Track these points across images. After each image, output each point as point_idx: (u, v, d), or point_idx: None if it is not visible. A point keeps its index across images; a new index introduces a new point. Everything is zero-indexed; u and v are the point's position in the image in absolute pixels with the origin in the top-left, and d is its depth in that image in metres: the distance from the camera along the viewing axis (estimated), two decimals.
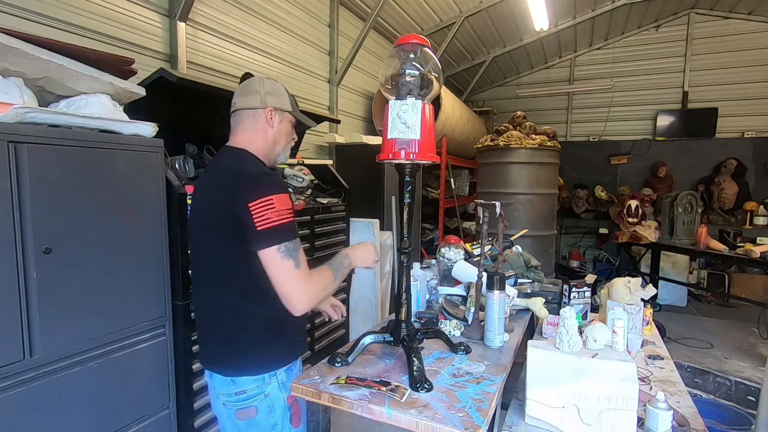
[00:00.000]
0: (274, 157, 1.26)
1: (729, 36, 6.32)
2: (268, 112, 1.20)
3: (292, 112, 1.26)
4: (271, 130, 1.22)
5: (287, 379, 1.19)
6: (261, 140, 1.22)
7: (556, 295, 1.83)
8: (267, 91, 1.21)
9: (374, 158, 1.26)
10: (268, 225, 1.03)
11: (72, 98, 1.48)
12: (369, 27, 4.38)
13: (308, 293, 1.09)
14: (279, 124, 1.23)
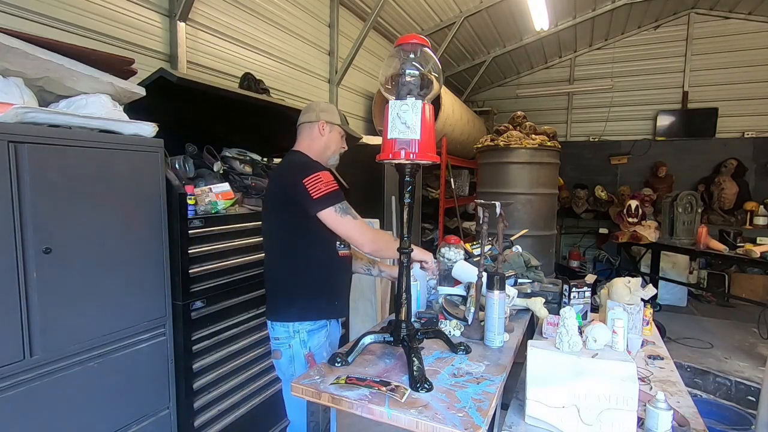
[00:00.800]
0: (325, 159, 1.59)
1: (729, 36, 6.32)
2: (320, 125, 1.56)
3: (341, 125, 1.61)
4: (322, 138, 1.57)
5: (308, 338, 1.46)
6: (315, 145, 1.57)
7: (556, 295, 1.83)
8: (321, 109, 1.59)
9: (374, 158, 1.26)
10: (321, 194, 1.38)
11: (72, 98, 1.49)
12: (369, 27, 4.38)
13: (369, 236, 1.42)
14: (329, 134, 1.57)
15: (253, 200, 2.18)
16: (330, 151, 1.60)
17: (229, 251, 1.94)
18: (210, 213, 1.85)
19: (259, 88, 2.94)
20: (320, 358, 1.44)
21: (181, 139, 2.11)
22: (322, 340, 1.49)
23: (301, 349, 1.46)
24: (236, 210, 2.01)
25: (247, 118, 2.54)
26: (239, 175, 2.30)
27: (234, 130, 2.54)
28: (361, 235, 1.42)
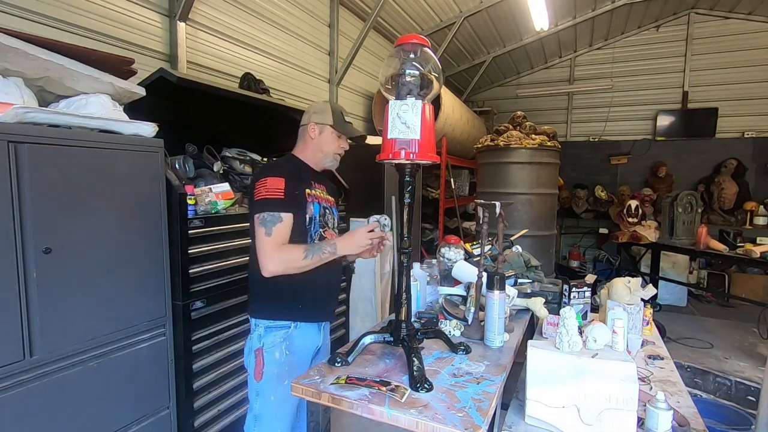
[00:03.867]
0: (320, 161, 1.56)
1: (729, 36, 6.32)
2: (310, 127, 1.53)
3: (333, 125, 1.53)
4: (313, 141, 1.53)
5: (264, 335, 1.44)
6: (308, 148, 1.56)
7: (556, 295, 1.83)
8: (313, 110, 1.56)
9: (374, 158, 1.26)
10: (258, 198, 1.36)
11: (72, 98, 1.49)
12: (369, 27, 4.38)
13: (273, 258, 1.33)
14: (320, 136, 1.53)
15: None
16: (323, 153, 1.54)
17: (229, 251, 1.94)
18: (210, 213, 1.85)
19: (259, 88, 2.94)
20: (270, 357, 1.41)
21: (181, 139, 2.11)
22: (278, 340, 1.43)
23: (256, 343, 1.44)
24: (236, 210, 2.01)
25: (247, 118, 2.54)
26: (239, 175, 2.30)
27: (234, 130, 2.54)
28: (264, 255, 1.33)
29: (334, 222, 1.61)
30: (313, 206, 1.48)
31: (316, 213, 1.48)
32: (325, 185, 1.61)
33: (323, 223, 1.52)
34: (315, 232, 1.48)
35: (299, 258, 1.34)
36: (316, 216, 1.48)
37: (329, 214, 1.58)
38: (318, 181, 1.56)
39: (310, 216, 1.45)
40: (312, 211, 1.47)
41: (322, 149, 1.53)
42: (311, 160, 1.55)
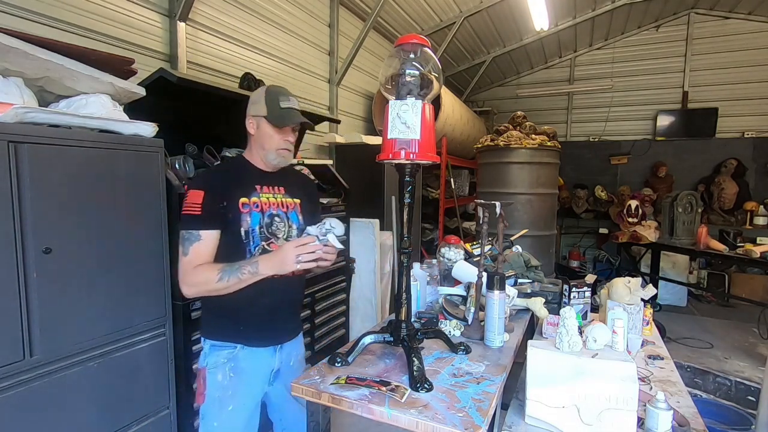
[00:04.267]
0: (265, 160, 1.38)
1: (729, 36, 6.32)
2: (248, 122, 1.38)
3: (267, 117, 1.33)
4: (253, 137, 1.39)
5: (209, 353, 1.36)
6: (251, 147, 1.41)
7: (556, 295, 1.83)
8: (250, 101, 1.38)
9: (374, 158, 1.26)
10: (182, 212, 1.27)
11: (72, 98, 1.48)
12: (369, 27, 4.38)
13: (185, 282, 1.25)
14: (257, 131, 1.36)
15: None
16: (264, 151, 1.36)
17: None
18: None
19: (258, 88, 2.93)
20: (213, 379, 1.32)
21: (181, 139, 2.10)
22: (221, 361, 1.32)
23: (201, 362, 1.36)
24: None
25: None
26: None
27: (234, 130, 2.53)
28: (179, 277, 1.25)
29: (288, 230, 1.40)
30: (251, 217, 1.31)
31: (255, 225, 1.31)
32: (285, 187, 1.42)
33: (268, 234, 1.34)
34: (255, 246, 1.32)
35: (212, 280, 1.21)
36: (255, 228, 1.31)
37: (281, 222, 1.38)
38: (270, 184, 1.39)
39: (246, 229, 1.29)
40: (248, 223, 1.30)
41: (263, 146, 1.35)
42: (257, 160, 1.39)
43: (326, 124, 3.99)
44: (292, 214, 1.42)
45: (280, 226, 1.38)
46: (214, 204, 1.26)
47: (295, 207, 1.44)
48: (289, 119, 1.34)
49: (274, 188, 1.40)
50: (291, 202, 1.43)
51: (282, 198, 1.41)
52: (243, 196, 1.31)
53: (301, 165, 2.78)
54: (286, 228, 1.40)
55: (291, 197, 1.43)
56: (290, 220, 1.41)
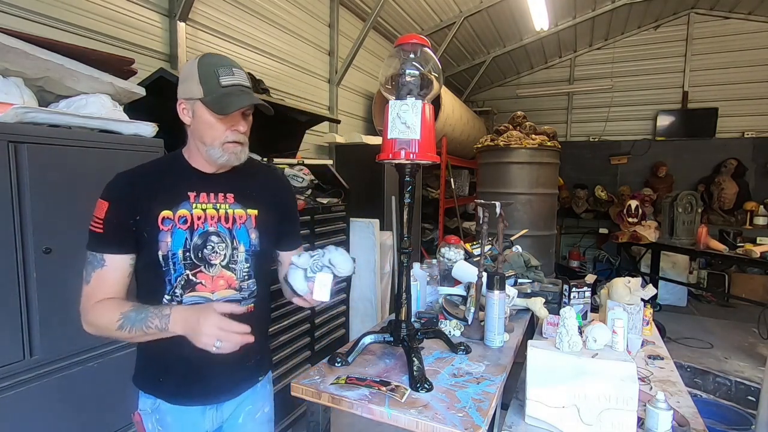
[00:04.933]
0: (208, 157, 1.02)
1: (729, 36, 6.31)
2: (179, 106, 1.03)
3: (202, 100, 0.97)
4: (189, 127, 1.04)
5: (139, 398, 1.13)
6: (190, 140, 1.06)
7: (556, 295, 1.83)
8: (180, 78, 1.03)
9: (374, 158, 1.26)
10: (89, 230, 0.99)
11: (72, 98, 1.49)
12: (369, 27, 4.38)
13: (85, 319, 0.97)
14: (193, 119, 1.01)
15: None
16: (206, 145, 1.01)
17: None
18: None
19: (259, 88, 2.94)
20: (147, 423, 1.10)
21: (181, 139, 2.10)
22: (147, 410, 1.10)
23: (138, 403, 1.13)
24: None
25: None
26: None
27: None
28: (80, 306, 0.97)
29: (232, 254, 1.06)
30: (172, 237, 0.99)
31: (177, 247, 0.99)
32: (236, 193, 1.08)
33: (196, 260, 1.01)
34: (177, 276, 1.00)
35: (112, 327, 0.93)
36: (176, 252, 0.99)
37: (220, 243, 1.04)
38: (212, 190, 1.05)
39: (164, 253, 0.98)
40: (168, 245, 0.98)
41: (202, 140, 1.01)
42: (197, 158, 1.05)
43: (326, 124, 3.98)
44: (241, 231, 1.07)
45: (220, 249, 1.04)
46: (121, 219, 0.96)
47: (246, 221, 1.08)
48: (234, 102, 0.96)
49: (218, 196, 1.06)
50: (241, 215, 1.08)
51: (227, 209, 1.06)
52: (165, 208, 0.99)
53: (301, 165, 2.78)
54: (228, 251, 1.05)
55: (243, 207, 1.08)
56: (237, 239, 1.06)
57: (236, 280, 1.08)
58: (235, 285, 1.08)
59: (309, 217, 2.63)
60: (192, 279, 1.02)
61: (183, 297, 1.02)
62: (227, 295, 1.06)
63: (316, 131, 3.97)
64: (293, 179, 2.61)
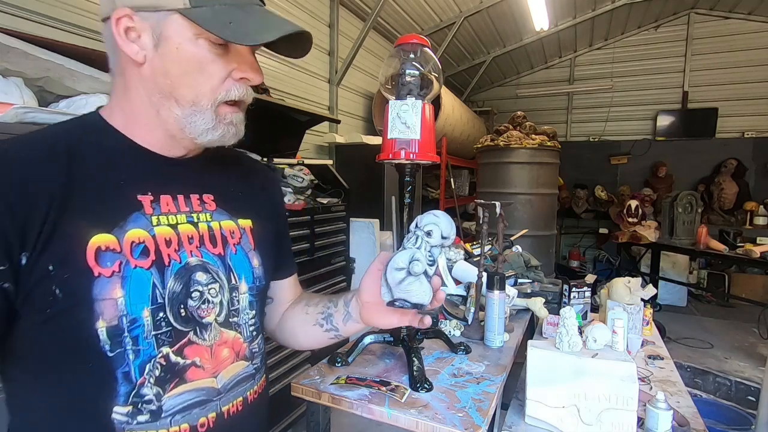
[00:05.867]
0: (178, 125, 0.58)
1: (729, 36, 6.32)
2: (115, 25, 0.53)
3: (184, 11, 0.53)
4: (135, 63, 0.55)
5: None
6: (130, 92, 0.57)
7: (556, 295, 1.83)
8: None
9: (374, 158, 1.26)
10: None
11: (72, 98, 1.48)
12: (369, 27, 4.38)
13: None
14: (159, 47, 0.54)
15: None
16: (179, 105, 0.57)
17: None
18: None
19: (259, 88, 2.94)
20: None
21: None
22: None
23: None
24: None
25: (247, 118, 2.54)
26: None
27: None
28: None
29: (230, 296, 0.64)
30: (124, 286, 0.53)
31: (136, 309, 0.53)
32: (216, 192, 0.67)
33: (181, 321, 0.58)
34: (142, 363, 0.54)
35: None
36: (138, 317, 0.54)
37: (215, 281, 0.62)
38: (184, 187, 0.63)
39: (109, 325, 0.51)
40: (118, 305, 0.52)
41: (175, 92, 0.56)
42: (146, 127, 0.59)
43: (326, 124, 3.98)
44: (237, 258, 0.65)
45: (212, 294, 0.61)
46: None
47: (242, 239, 0.67)
48: (261, 23, 0.58)
49: (191, 199, 0.63)
50: (232, 229, 0.66)
51: (209, 221, 0.64)
52: (98, 230, 0.53)
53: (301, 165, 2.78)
54: (225, 296, 0.63)
55: (232, 217, 0.67)
56: (234, 272, 0.65)
57: (244, 342, 0.65)
58: (245, 352, 0.65)
59: (309, 217, 2.63)
60: (175, 360, 0.56)
61: (163, 398, 0.55)
62: (238, 373, 0.64)
63: (316, 131, 3.97)
64: (293, 179, 2.61)
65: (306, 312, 0.80)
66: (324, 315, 0.77)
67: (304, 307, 0.81)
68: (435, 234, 0.63)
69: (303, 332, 0.81)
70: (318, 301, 0.81)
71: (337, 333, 0.77)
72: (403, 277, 0.61)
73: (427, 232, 0.63)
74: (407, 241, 0.64)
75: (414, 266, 0.60)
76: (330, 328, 0.77)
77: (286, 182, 2.54)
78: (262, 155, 2.55)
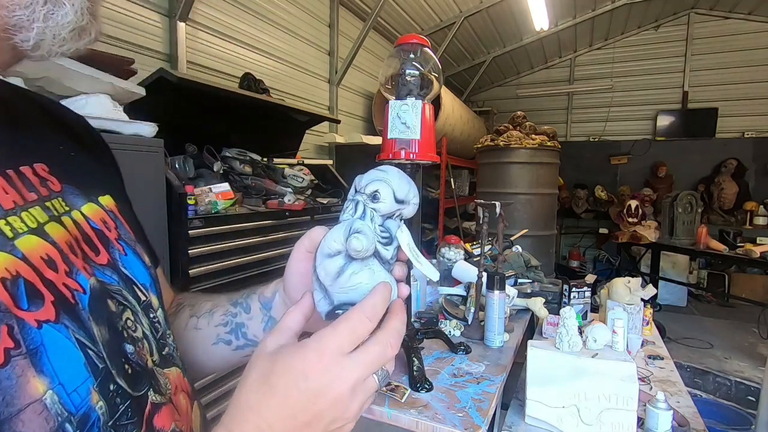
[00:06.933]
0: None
1: (729, 36, 6.31)
2: None
3: None
4: None
5: None
6: None
7: (556, 295, 1.83)
8: None
9: (374, 158, 1.26)
10: None
11: (72, 98, 1.48)
12: (369, 27, 4.38)
13: None
14: None
15: (253, 200, 2.18)
16: None
17: (229, 251, 1.94)
18: (210, 213, 1.85)
19: (259, 88, 2.94)
20: None
21: (181, 139, 2.11)
22: None
23: None
24: (236, 210, 2.02)
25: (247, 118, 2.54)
26: (239, 175, 2.30)
27: (234, 130, 2.54)
28: None
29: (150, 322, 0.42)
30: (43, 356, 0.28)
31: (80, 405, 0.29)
32: (46, 157, 0.38)
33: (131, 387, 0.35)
34: None
35: None
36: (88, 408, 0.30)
37: (128, 308, 0.38)
38: (5, 155, 0.34)
39: None
40: (52, 409, 0.28)
41: None
42: None
43: (326, 124, 3.98)
44: (130, 260, 0.42)
45: (130, 328, 0.38)
46: None
47: (118, 228, 0.43)
48: None
49: (22, 176, 0.35)
50: (100, 216, 0.41)
51: (65, 209, 0.37)
52: None
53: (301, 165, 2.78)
54: (144, 322, 0.41)
55: (86, 195, 0.41)
56: (138, 282, 0.42)
57: (184, 375, 0.45)
58: (189, 388, 0.45)
59: (309, 217, 2.63)
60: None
61: None
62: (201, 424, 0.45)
63: (316, 131, 3.97)
64: (293, 179, 2.61)
65: (197, 326, 0.55)
66: (229, 327, 0.53)
67: (191, 319, 0.56)
68: (384, 196, 0.42)
69: (203, 353, 0.55)
70: (212, 308, 0.55)
71: None
72: (341, 265, 0.38)
73: (372, 196, 0.42)
74: (344, 213, 0.42)
75: (353, 241, 0.37)
76: (244, 344, 0.53)
77: (286, 182, 2.54)
78: (262, 155, 2.55)
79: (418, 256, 0.45)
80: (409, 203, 0.46)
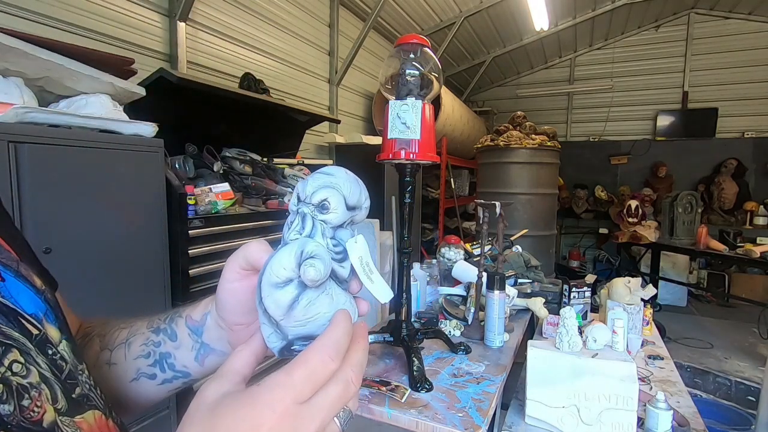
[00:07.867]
0: None
1: (729, 36, 6.32)
2: None
3: None
4: None
5: None
6: None
7: (556, 295, 1.83)
8: None
9: (374, 158, 1.26)
10: None
11: (72, 98, 1.49)
12: (369, 27, 4.38)
13: None
14: None
15: (253, 200, 2.18)
16: None
17: (229, 251, 1.93)
18: (210, 213, 1.85)
19: (259, 88, 2.94)
20: None
21: (181, 139, 2.11)
22: None
23: None
24: (236, 210, 2.02)
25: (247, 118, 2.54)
26: (239, 175, 2.30)
27: (234, 130, 2.54)
28: None
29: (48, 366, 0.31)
30: None
31: None
32: None
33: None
34: None
35: None
36: None
37: (12, 348, 0.28)
38: None
39: None
40: None
41: None
42: None
43: (326, 124, 3.99)
44: (13, 285, 0.32)
45: (19, 373, 0.28)
46: None
47: None
48: None
49: None
50: None
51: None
52: None
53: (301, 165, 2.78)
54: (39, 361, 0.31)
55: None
56: (26, 313, 0.32)
57: (107, 416, 0.36)
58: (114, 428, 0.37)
59: None
60: None
61: None
62: None
63: (316, 131, 3.97)
64: (293, 179, 2.62)
65: (110, 361, 0.46)
66: (152, 359, 0.46)
67: (102, 353, 0.47)
68: (335, 205, 0.36)
69: (121, 392, 0.46)
70: (128, 337, 0.47)
71: (189, 379, 0.48)
72: (295, 295, 0.33)
73: (321, 206, 0.36)
74: (289, 230, 0.37)
75: (309, 271, 0.32)
76: (172, 377, 0.47)
77: (286, 182, 2.54)
78: (262, 155, 2.55)
79: (371, 273, 0.38)
80: (361, 208, 0.39)
